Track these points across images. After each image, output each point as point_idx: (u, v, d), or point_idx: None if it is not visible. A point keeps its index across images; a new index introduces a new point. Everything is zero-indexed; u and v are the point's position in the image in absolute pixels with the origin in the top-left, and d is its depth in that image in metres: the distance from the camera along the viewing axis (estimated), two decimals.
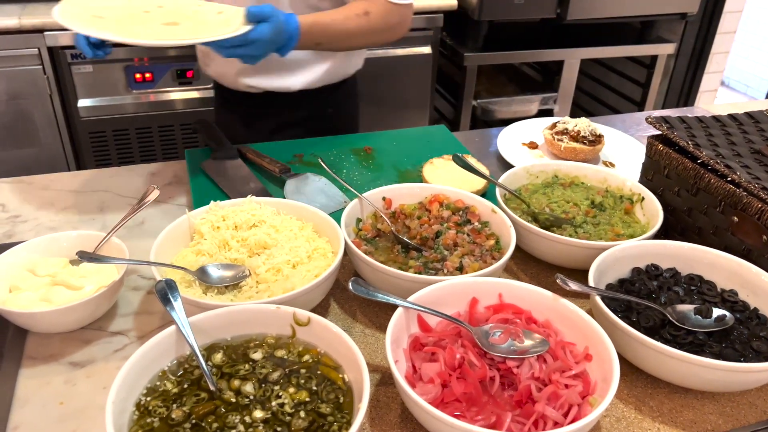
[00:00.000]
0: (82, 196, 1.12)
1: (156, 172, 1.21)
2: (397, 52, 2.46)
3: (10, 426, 0.69)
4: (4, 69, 2.04)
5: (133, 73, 2.18)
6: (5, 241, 0.99)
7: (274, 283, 0.82)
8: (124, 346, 0.81)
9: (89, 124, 2.21)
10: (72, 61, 2.09)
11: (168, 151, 2.35)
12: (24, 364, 0.77)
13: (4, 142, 2.16)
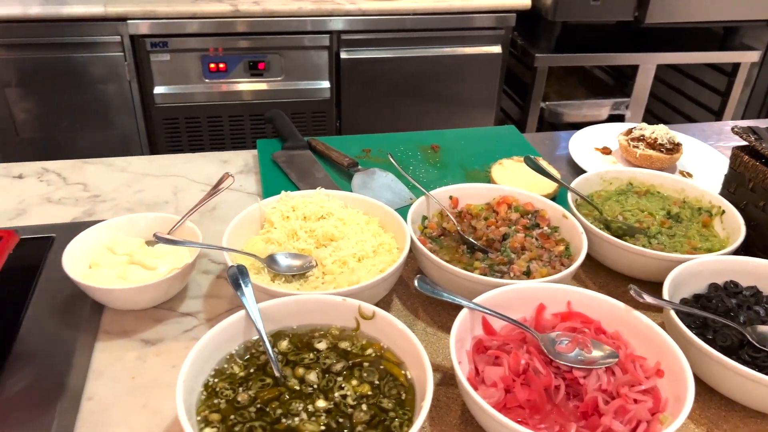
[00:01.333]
0: (157, 179, 1.16)
1: (228, 160, 1.24)
2: (466, 51, 2.44)
3: (85, 396, 0.72)
4: (88, 55, 2.14)
5: (207, 63, 2.24)
6: (85, 219, 1.03)
7: (340, 275, 0.83)
8: (193, 327, 0.83)
9: (163, 111, 2.29)
10: (151, 49, 2.17)
11: (236, 139, 2.41)
12: (99, 338, 0.81)
13: (82, 125, 2.27)
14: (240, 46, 2.25)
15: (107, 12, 2.07)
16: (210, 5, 2.15)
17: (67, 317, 0.81)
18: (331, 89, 2.40)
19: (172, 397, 0.72)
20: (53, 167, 1.17)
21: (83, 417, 0.70)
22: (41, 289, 0.86)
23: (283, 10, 2.21)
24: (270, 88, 2.36)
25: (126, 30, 2.12)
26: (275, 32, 2.24)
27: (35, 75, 2.14)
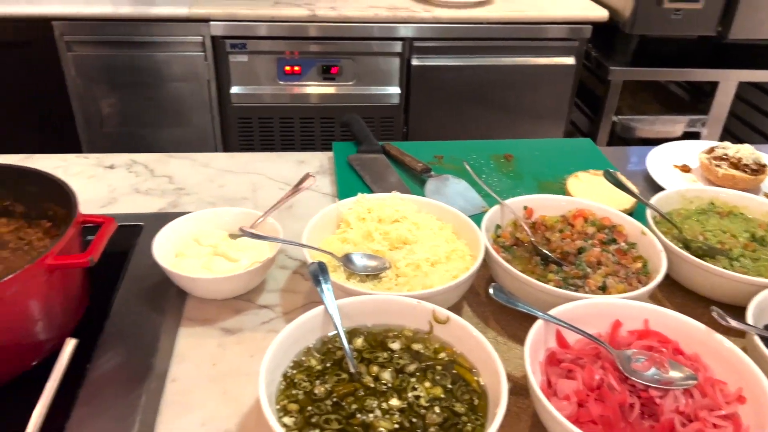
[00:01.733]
0: (237, 176, 1.20)
1: (304, 160, 1.27)
2: (538, 61, 2.42)
3: (169, 378, 0.76)
4: (171, 54, 2.24)
5: (283, 66, 2.31)
6: (171, 210, 1.09)
7: (414, 278, 0.84)
8: (270, 320, 0.86)
9: (238, 110, 2.37)
10: (230, 50, 2.25)
11: (306, 141, 2.46)
12: (183, 324, 0.85)
13: (162, 121, 2.37)
14: (315, 50, 2.31)
15: (191, 13, 2.16)
16: (289, 9, 2.21)
17: (154, 302, 0.86)
18: (400, 95, 2.43)
19: (251, 385, 0.76)
20: (141, 159, 1.24)
21: (167, 398, 0.74)
22: (130, 274, 0.91)
23: (359, 16, 2.25)
24: (340, 92, 2.40)
25: (208, 31, 2.20)
26: (350, 38, 2.28)
27: (121, 72, 2.25)
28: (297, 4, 2.27)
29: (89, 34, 2.17)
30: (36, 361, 0.74)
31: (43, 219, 0.88)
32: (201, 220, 0.93)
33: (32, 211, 0.88)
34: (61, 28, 2.14)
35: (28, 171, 0.85)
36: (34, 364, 0.74)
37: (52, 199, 0.85)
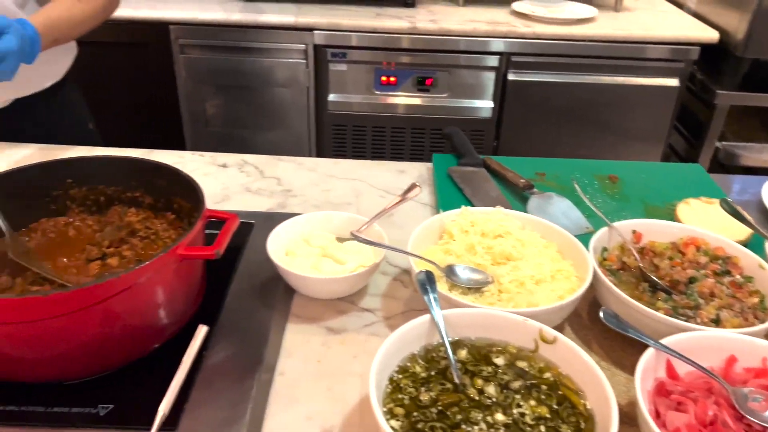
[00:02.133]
0: (341, 181, 1.24)
1: (404, 170, 1.30)
2: (640, 82, 2.35)
3: (277, 371, 0.80)
4: (275, 60, 2.34)
5: (380, 76, 2.36)
6: (279, 210, 1.13)
7: (518, 295, 0.84)
8: (372, 323, 0.88)
9: (334, 117, 2.43)
10: (331, 59, 2.32)
11: (396, 150, 2.50)
12: (290, 320, 0.88)
13: (261, 123, 2.47)
14: (412, 61, 2.34)
15: (297, 22, 2.24)
16: (390, 21, 2.26)
17: (264, 297, 0.90)
18: (493, 109, 2.42)
19: (354, 384, 0.78)
20: (252, 161, 1.30)
21: (276, 390, 0.77)
22: (242, 269, 0.95)
23: (459, 29, 2.26)
24: (433, 104, 2.43)
25: (311, 39, 2.28)
26: (447, 50, 2.31)
27: (228, 75, 2.37)
28: (398, 16, 2.32)
29: (201, 39, 2.30)
30: (156, 345, 0.79)
31: (168, 211, 0.95)
32: (311, 222, 0.97)
33: (159, 203, 0.95)
34: (177, 32, 2.28)
35: (161, 166, 0.91)
36: (154, 347, 0.79)
37: (179, 194, 0.92)
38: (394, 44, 2.29)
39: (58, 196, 0.93)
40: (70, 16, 1.21)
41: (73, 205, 0.94)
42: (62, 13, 1.20)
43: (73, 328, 0.69)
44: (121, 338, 0.73)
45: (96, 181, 0.93)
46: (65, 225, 0.92)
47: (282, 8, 2.32)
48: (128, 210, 0.94)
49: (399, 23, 2.26)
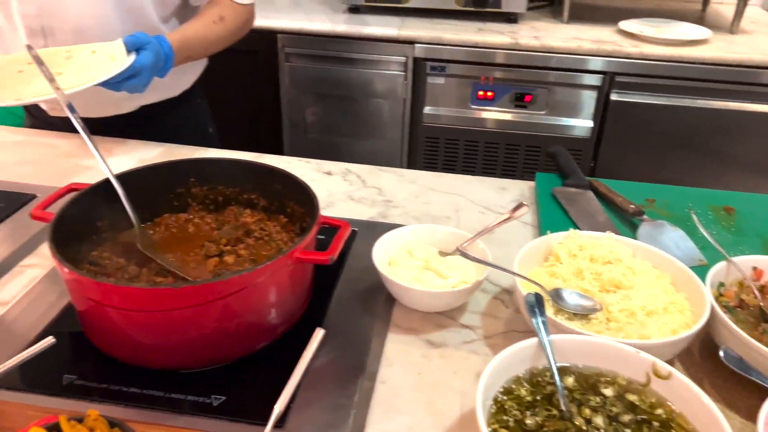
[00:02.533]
0: (440, 195, 1.25)
1: (505, 187, 1.29)
2: (756, 108, 2.23)
3: (378, 379, 0.81)
4: (375, 71, 2.38)
5: (477, 90, 2.35)
6: (380, 220, 1.15)
7: (628, 326, 0.81)
8: (472, 341, 0.88)
9: (428, 130, 2.45)
10: (429, 72, 2.34)
11: (488, 166, 2.48)
12: (390, 329, 0.89)
13: (357, 132, 2.52)
14: (511, 77, 2.32)
15: (400, 35, 2.28)
16: (493, 36, 2.25)
17: (366, 305, 0.92)
18: (593, 129, 2.36)
19: (454, 400, 0.78)
20: (355, 169, 1.33)
21: (377, 397, 0.78)
22: (346, 276, 0.98)
23: (562, 47, 2.23)
24: (529, 121, 2.39)
25: (412, 52, 2.31)
26: (549, 67, 2.27)
27: (329, 84, 2.44)
28: (500, 31, 2.31)
29: (306, 48, 2.38)
30: (263, 344, 0.82)
31: (281, 214, 0.98)
32: (415, 234, 0.98)
33: (273, 206, 0.99)
34: (284, 41, 2.37)
35: (277, 171, 0.95)
36: (260, 347, 0.82)
37: (292, 198, 0.95)
38: (494, 59, 2.28)
39: (181, 193, 0.98)
40: (206, 36, 1.28)
41: (194, 203, 0.99)
42: (198, 32, 1.27)
43: (195, 321, 0.73)
44: (235, 334, 0.77)
45: (217, 181, 0.98)
46: (185, 221, 0.98)
47: (386, 21, 2.36)
48: (244, 211, 0.99)
49: (501, 38, 2.25)
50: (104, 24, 1.24)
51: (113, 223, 0.91)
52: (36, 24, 1.23)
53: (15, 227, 1.05)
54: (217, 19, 1.31)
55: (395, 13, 2.45)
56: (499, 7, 2.37)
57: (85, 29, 1.24)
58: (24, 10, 1.22)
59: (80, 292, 0.74)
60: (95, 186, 0.88)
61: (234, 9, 1.35)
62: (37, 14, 1.22)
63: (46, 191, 1.15)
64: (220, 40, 1.34)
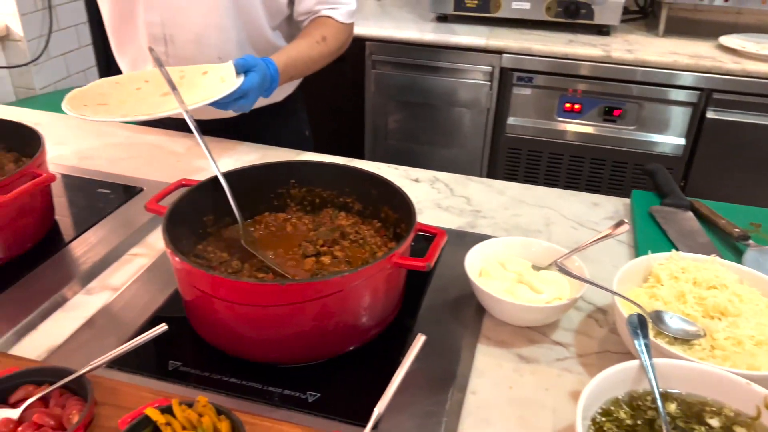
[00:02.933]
0: (531, 208, 1.23)
1: (598, 203, 1.26)
2: None
3: (469, 389, 0.81)
4: (460, 80, 2.38)
5: (564, 102, 2.31)
6: (468, 230, 1.15)
7: (735, 355, 0.78)
8: (565, 358, 0.86)
9: (510, 140, 2.42)
10: (516, 82, 2.31)
11: (572, 179, 2.43)
12: (480, 341, 0.89)
13: (437, 140, 2.53)
14: (600, 90, 2.27)
15: (488, 44, 2.27)
16: (584, 48, 2.21)
17: (456, 314, 0.92)
18: (685, 147, 2.27)
19: (547, 417, 0.77)
20: (442, 178, 1.33)
21: (467, 408, 0.78)
22: (435, 284, 0.98)
23: (657, 61, 2.15)
24: (617, 135, 2.33)
25: (499, 62, 2.30)
26: (642, 82, 2.20)
27: (413, 92, 2.45)
28: (592, 43, 2.26)
29: (392, 56, 2.41)
30: (355, 346, 0.83)
31: (374, 219, 1.00)
32: (508, 246, 0.97)
33: (367, 210, 1.01)
34: (371, 48, 2.41)
35: (375, 177, 0.97)
36: (352, 348, 0.83)
37: (387, 204, 0.97)
38: (584, 71, 2.24)
39: (281, 193, 1.02)
40: (309, 57, 1.33)
41: (292, 204, 1.02)
42: (301, 53, 1.31)
43: (295, 318, 0.75)
44: (331, 333, 0.79)
45: (315, 184, 1.01)
46: (284, 221, 1.01)
47: (474, 30, 2.36)
48: (339, 214, 1.01)
49: (592, 51, 2.20)
50: (221, 33, 1.31)
51: (217, 219, 0.96)
52: (159, 32, 1.31)
53: (124, 217, 1.12)
54: (320, 39, 1.35)
55: (483, 23, 2.44)
56: (592, 19, 2.32)
57: (204, 38, 1.31)
58: (149, 18, 1.30)
59: (190, 283, 0.78)
60: (204, 183, 0.92)
61: (337, 28, 1.39)
62: (161, 22, 1.30)
63: (152, 185, 1.22)
64: (322, 59, 1.37)
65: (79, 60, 2.84)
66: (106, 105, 1.12)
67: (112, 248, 1.03)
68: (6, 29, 2.53)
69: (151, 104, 1.11)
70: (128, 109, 1.10)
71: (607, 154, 2.35)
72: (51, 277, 0.97)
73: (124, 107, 1.11)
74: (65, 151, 1.36)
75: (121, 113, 1.08)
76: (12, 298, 0.92)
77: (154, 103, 1.12)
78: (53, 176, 0.98)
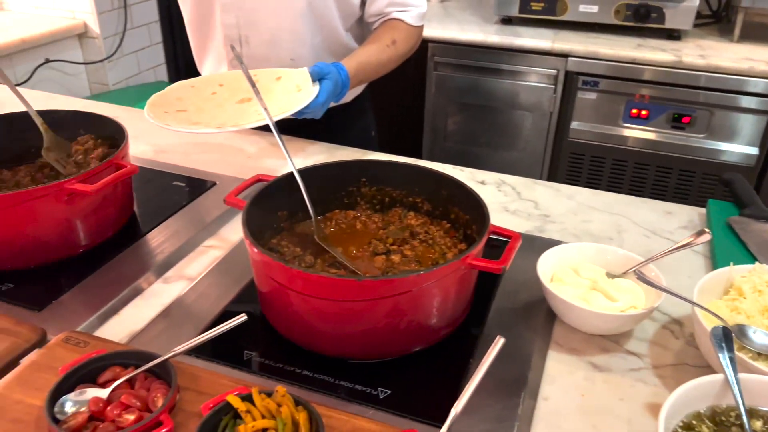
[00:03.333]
0: (601, 214, 1.21)
1: (671, 212, 1.22)
2: None
3: (541, 395, 0.80)
4: (523, 83, 2.35)
5: (630, 108, 2.25)
6: (537, 234, 1.13)
7: None
8: (639, 369, 0.84)
9: (573, 145, 2.38)
10: (581, 86, 2.27)
11: (636, 186, 2.37)
12: (551, 347, 0.88)
13: (497, 143, 2.50)
14: (670, 96, 2.20)
15: (553, 47, 2.23)
16: (653, 53, 2.15)
17: (526, 319, 0.91)
18: (758, 157, 2.18)
19: (621, 428, 0.75)
20: (509, 181, 1.32)
21: (539, 413, 0.77)
22: (504, 287, 0.97)
23: (731, 67, 2.08)
24: (685, 143, 2.26)
25: (564, 66, 2.26)
26: (714, 89, 2.12)
27: (474, 94, 2.44)
28: (662, 48, 2.19)
29: (455, 57, 2.40)
30: (424, 345, 0.83)
31: (443, 220, 1.00)
32: (581, 252, 0.96)
33: (437, 210, 1.01)
34: (434, 49, 2.41)
35: (446, 177, 0.97)
36: (421, 347, 0.83)
37: (458, 205, 0.97)
38: (653, 77, 2.18)
39: (352, 191, 1.03)
40: (379, 61, 1.33)
41: (362, 202, 1.03)
42: (371, 57, 1.32)
43: (369, 314, 0.76)
44: (403, 331, 0.79)
45: (386, 183, 1.02)
46: (353, 218, 1.02)
47: (539, 33, 2.33)
48: (408, 213, 1.02)
49: (662, 56, 2.14)
50: (295, 35, 1.34)
51: (291, 214, 0.97)
52: (234, 33, 1.35)
53: (198, 210, 1.15)
54: (390, 42, 1.35)
55: (549, 26, 2.40)
56: (663, 23, 2.25)
57: (278, 40, 1.34)
58: (225, 20, 1.34)
59: (267, 275, 0.80)
60: (279, 179, 0.94)
61: (407, 31, 1.38)
62: (236, 24, 1.34)
63: (225, 179, 1.25)
64: (391, 62, 1.38)
65: (149, 57, 2.94)
66: (186, 112, 1.13)
67: (188, 239, 1.06)
68: (84, 26, 2.65)
69: (233, 114, 1.12)
70: (208, 118, 1.10)
71: (674, 162, 2.28)
72: (130, 265, 1.00)
73: (202, 115, 1.12)
74: (141, 144, 1.42)
75: (215, 124, 1.08)
76: (95, 284, 0.96)
77: (234, 111, 1.12)
78: (136, 168, 1.02)
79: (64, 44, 2.62)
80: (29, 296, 0.91)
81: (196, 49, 1.47)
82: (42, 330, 0.82)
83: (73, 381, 0.69)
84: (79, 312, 0.89)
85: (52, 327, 0.84)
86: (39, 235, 0.95)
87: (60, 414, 0.66)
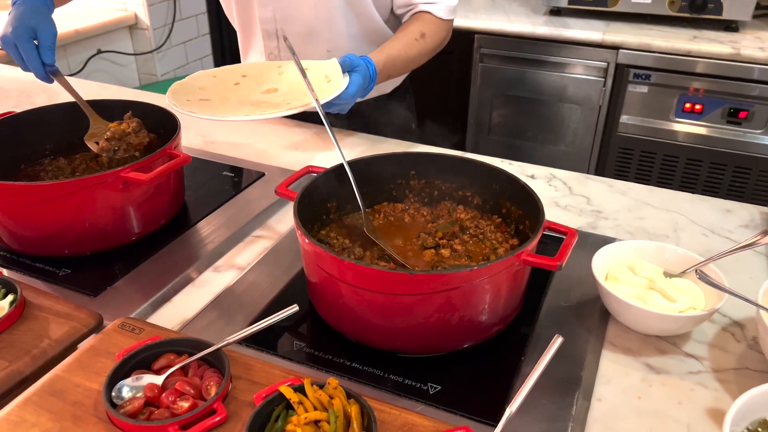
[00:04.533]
0: (656, 211, 1.17)
1: (731, 210, 1.17)
2: None
3: (595, 396, 0.77)
4: (571, 76, 2.30)
5: (684, 102, 2.18)
6: (589, 231, 1.11)
7: None
8: (699, 372, 0.81)
9: (622, 139, 2.32)
10: (632, 80, 2.21)
11: (687, 183, 2.29)
12: (605, 347, 0.85)
13: (543, 136, 2.46)
14: (725, 90, 2.12)
15: (604, 39, 2.18)
16: (709, 45, 2.07)
17: (579, 317, 0.89)
18: None
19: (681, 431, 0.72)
20: (560, 175, 1.29)
21: (593, 414, 0.75)
22: (556, 285, 0.95)
23: None
24: (742, 139, 2.17)
25: (614, 58, 2.20)
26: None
27: (520, 86, 2.40)
28: (719, 40, 2.11)
29: (501, 49, 2.36)
30: (474, 342, 0.82)
31: (494, 214, 0.98)
32: (639, 250, 0.93)
33: (487, 205, 0.99)
34: (480, 41, 2.37)
35: (498, 171, 0.95)
36: (471, 344, 0.82)
37: (510, 199, 0.95)
38: (709, 70, 2.10)
39: (401, 184, 1.02)
40: (407, 55, 1.29)
41: (410, 195, 1.02)
42: (400, 51, 1.28)
43: (421, 308, 0.75)
44: (454, 326, 0.78)
45: (435, 176, 1.01)
46: (401, 211, 1.01)
47: (589, 24, 2.27)
48: (457, 207, 1.00)
49: (719, 48, 2.06)
50: (332, 27, 1.33)
51: (340, 206, 0.97)
52: (272, 27, 1.35)
53: (247, 200, 1.16)
54: (419, 36, 1.31)
55: (599, 17, 2.34)
56: (720, 14, 2.17)
57: (315, 32, 1.34)
58: (262, 15, 1.34)
59: (318, 266, 0.80)
60: (329, 170, 0.94)
61: (436, 25, 1.34)
62: (273, 18, 1.34)
63: (273, 170, 1.26)
64: (421, 57, 1.34)
65: (197, 48, 2.98)
66: (209, 101, 1.11)
67: (237, 229, 1.07)
68: (135, 18, 2.70)
69: (260, 103, 1.09)
70: (235, 107, 1.08)
71: (728, 159, 2.20)
72: (181, 253, 1.02)
73: (228, 104, 1.10)
74: (190, 134, 1.43)
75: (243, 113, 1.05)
76: (147, 272, 0.97)
77: (260, 101, 1.11)
78: (188, 157, 1.03)
79: (115, 35, 2.68)
80: (85, 282, 0.93)
81: (242, 44, 1.48)
82: (99, 315, 0.83)
83: (129, 366, 0.70)
84: (133, 299, 0.91)
85: (106, 312, 0.86)
86: (94, 223, 0.97)
87: (117, 399, 0.67)
